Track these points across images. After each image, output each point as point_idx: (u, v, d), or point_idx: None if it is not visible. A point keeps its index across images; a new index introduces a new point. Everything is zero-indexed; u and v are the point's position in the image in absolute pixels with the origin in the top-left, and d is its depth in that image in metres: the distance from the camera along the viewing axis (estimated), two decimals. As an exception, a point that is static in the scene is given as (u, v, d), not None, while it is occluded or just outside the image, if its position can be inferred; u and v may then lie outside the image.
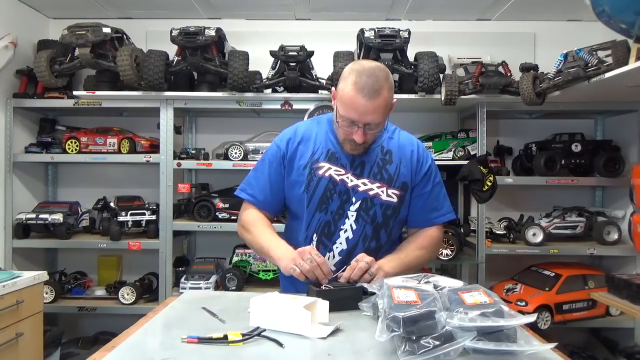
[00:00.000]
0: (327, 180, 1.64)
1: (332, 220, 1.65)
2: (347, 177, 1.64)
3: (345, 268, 1.53)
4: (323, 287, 1.42)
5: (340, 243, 1.65)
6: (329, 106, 2.98)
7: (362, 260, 1.51)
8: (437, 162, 3.16)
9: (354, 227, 1.65)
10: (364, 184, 1.64)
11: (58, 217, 3.16)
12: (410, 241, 1.74)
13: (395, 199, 1.66)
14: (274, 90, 3.21)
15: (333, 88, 1.64)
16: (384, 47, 2.94)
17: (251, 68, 3.12)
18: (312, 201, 1.65)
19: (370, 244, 1.66)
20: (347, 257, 1.63)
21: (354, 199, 1.64)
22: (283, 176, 1.70)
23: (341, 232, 1.65)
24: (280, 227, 1.93)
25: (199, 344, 1.11)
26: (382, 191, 1.65)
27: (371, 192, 1.64)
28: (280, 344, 1.12)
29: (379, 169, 1.66)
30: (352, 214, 1.64)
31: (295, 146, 1.69)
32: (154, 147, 3.30)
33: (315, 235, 1.67)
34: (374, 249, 1.66)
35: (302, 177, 1.66)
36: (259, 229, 1.69)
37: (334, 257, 1.66)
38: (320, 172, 1.64)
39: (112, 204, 3.35)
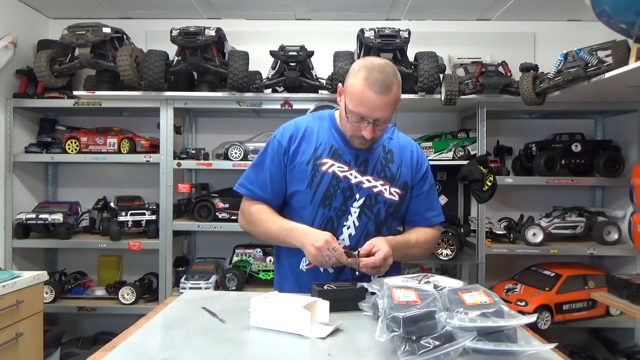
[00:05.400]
0: (330, 176, 1.64)
1: (334, 216, 1.65)
2: (351, 174, 1.65)
3: (358, 252, 1.55)
4: (326, 287, 1.42)
5: (343, 239, 1.65)
6: (330, 106, 2.98)
7: (379, 250, 1.53)
8: (437, 162, 3.27)
9: (357, 223, 1.65)
10: (368, 180, 1.65)
11: (58, 217, 3.16)
12: (420, 232, 1.76)
13: (397, 198, 1.68)
14: (274, 90, 3.21)
15: (340, 84, 1.65)
16: (384, 47, 2.94)
17: (251, 68, 3.12)
18: (315, 197, 1.64)
19: None
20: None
21: (357, 196, 1.64)
22: (284, 172, 1.68)
23: (344, 229, 1.65)
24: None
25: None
26: (385, 189, 1.66)
27: (375, 189, 1.65)
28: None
29: (382, 167, 1.68)
30: (354, 210, 1.65)
31: (298, 142, 1.68)
32: (154, 147, 3.30)
33: None
34: None
35: (305, 173, 1.65)
36: (266, 215, 1.68)
37: None
38: (324, 168, 1.64)
39: (112, 204, 3.35)
